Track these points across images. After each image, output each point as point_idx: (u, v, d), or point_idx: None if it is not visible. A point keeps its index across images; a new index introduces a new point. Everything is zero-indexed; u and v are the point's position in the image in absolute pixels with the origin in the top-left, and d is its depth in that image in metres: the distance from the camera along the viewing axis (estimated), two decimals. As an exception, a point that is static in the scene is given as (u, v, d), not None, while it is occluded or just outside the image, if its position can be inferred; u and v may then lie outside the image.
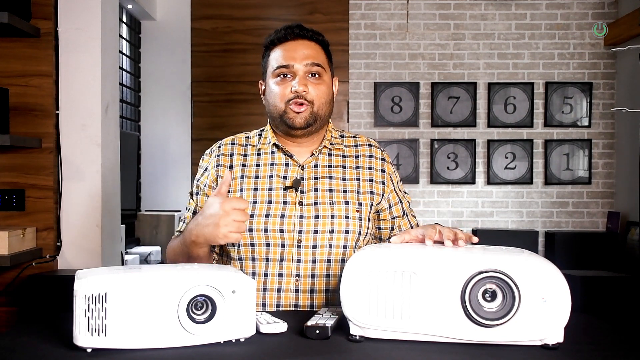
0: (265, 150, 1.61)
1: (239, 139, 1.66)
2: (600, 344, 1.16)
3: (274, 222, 1.51)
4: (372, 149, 1.66)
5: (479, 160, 4.79)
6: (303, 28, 1.58)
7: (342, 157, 1.62)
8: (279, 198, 1.54)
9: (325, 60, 1.59)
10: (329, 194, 1.55)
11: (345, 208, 1.54)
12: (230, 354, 1.08)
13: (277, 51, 1.57)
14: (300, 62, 1.54)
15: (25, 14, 2.42)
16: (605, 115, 4.76)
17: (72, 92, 2.56)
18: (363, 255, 1.15)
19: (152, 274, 1.13)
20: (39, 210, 2.50)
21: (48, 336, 1.17)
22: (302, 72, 1.54)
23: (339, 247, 1.52)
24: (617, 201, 4.71)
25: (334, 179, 1.58)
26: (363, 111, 4.80)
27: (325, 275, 1.52)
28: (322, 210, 1.53)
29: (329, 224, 1.52)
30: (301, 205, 1.53)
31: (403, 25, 4.78)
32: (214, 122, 4.47)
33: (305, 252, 1.51)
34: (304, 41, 1.57)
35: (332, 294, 1.52)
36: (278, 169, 1.58)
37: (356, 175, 1.60)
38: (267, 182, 1.56)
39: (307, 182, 1.57)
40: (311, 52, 1.56)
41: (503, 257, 1.11)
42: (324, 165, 1.60)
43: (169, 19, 4.77)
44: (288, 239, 1.51)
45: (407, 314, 1.10)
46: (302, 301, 1.51)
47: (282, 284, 1.51)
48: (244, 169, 1.59)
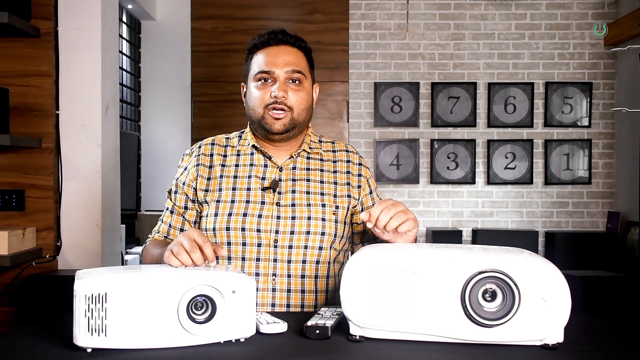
0: (245, 151, 1.63)
1: (219, 140, 1.68)
2: (600, 344, 1.16)
3: (251, 222, 1.53)
4: (349, 154, 1.68)
5: (479, 160, 4.79)
6: (286, 34, 1.60)
7: (320, 160, 1.65)
8: (257, 198, 1.56)
9: (306, 67, 1.61)
10: (306, 196, 1.58)
11: (322, 210, 1.56)
12: (230, 354, 1.08)
13: (260, 56, 1.59)
14: (281, 68, 1.56)
15: (25, 14, 2.42)
16: (605, 115, 4.75)
17: (72, 92, 2.56)
18: (363, 255, 1.15)
19: (152, 274, 1.13)
20: (39, 210, 2.50)
21: (48, 336, 1.17)
22: (283, 78, 1.56)
23: (315, 249, 1.54)
24: (617, 201, 4.71)
25: (312, 182, 1.60)
26: (363, 111, 4.80)
27: (301, 275, 1.53)
28: (299, 212, 1.55)
29: (305, 225, 1.54)
30: (278, 205, 1.55)
31: (403, 25, 4.78)
32: (214, 122, 4.46)
33: (281, 252, 1.53)
34: (286, 47, 1.59)
35: (307, 294, 1.54)
36: (257, 169, 1.60)
37: (333, 179, 1.62)
38: (246, 182, 1.58)
39: (284, 184, 1.58)
40: (293, 58, 1.58)
41: (503, 257, 1.11)
42: (302, 168, 1.62)
43: (169, 19, 4.77)
44: (265, 238, 1.52)
45: (407, 314, 1.10)
46: (279, 300, 1.53)
47: (259, 283, 1.52)
48: (223, 169, 1.61)
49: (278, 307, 1.52)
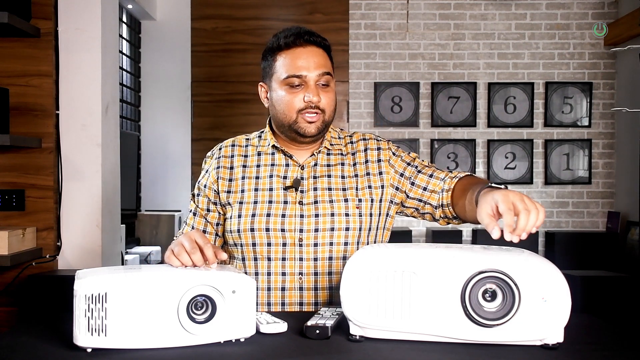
0: (265, 151, 1.62)
1: (239, 141, 1.67)
2: (600, 344, 1.16)
3: (275, 222, 1.52)
4: (366, 142, 1.65)
5: (479, 160, 4.79)
6: (312, 33, 1.56)
7: (341, 155, 1.63)
8: (279, 198, 1.55)
9: (331, 67, 1.58)
10: (328, 193, 1.56)
11: (345, 205, 1.55)
12: (230, 354, 1.08)
13: (286, 57, 1.54)
14: (312, 72, 1.52)
15: (25, 14, 2.42)
16: (605, 115, 4.76)
17: (72, 92, 2.56)
18: (363, 255, 1.15)
19: (152, 274, 1.13)
20: (39, 210, 2.50)
21: (48, 336, 1.17)
22: (314, 82, 1.53)
23: (340, 245, 1.53)
24: (617, 201, 4.71)
25: (333, 177, 1.59)
26: (363, 111, 4.80)
27: (328, 272, 1.53)
28: (322, 209, 1.54)
29: (329, 222, 1.53)
30: (301, 204, 1.54)
31: (403, 25, 4.78)
32: (214, 122, 4.47)
33: (307, 250, 1.52)
34: (312, 48, 1.55)
35: (335, 291, 1.52)
36: (278, 169, 1.59)
37: (354, 172, 1.60)
38: (268, 183, 1.57)
39: (306, 182, 1.57)
40: (321, 60, 1.54)
41: (503, 257, 1.11)
42: (322, 165, 1.60)
43: (169, 19, 4.76)
44: (289, 237, 1.52)
45: (407, 314, 1.10)
46: (307, 299, 1.52)
47: (285, 283, 1.52)
48: (244, 169, 1.60)
49: (306, 305, 1.52)
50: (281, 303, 1.52)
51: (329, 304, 1.51)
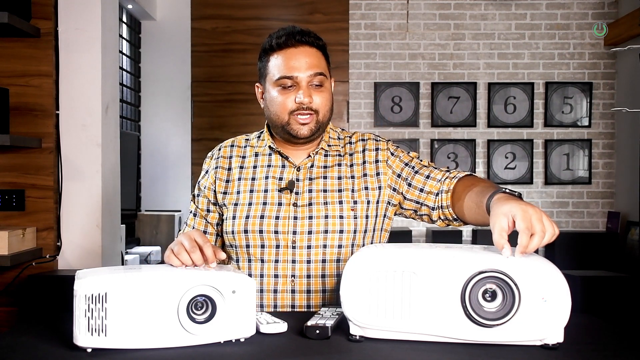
0: (263, 152, 1.61)
1: (238, 141, 1.66)
2: (600, 344, 1.16)
3: (268, 224, 1.51)
4: (365, 142, 1.62)
5: (479, 160, 4.79)
6: (304, 33, 1.54)
7: (338, 156, 1.61)
8: (274, 199, 1.54)
9: (326, 67, 1.56)
10: (323, 194, 1.54)
11: (339, 207, 1.53)
12: (230, 354, 1.08)
13: (278, 58, 1.52)
14: (304, 72, 1.50)
15: (25, 14, 2.42)
16: (605, 115, 4.75)
17: (72, 92, 2.56)
18: (363, 255, 1.15)
19: (152, 274, 1.13)
20: (39, 210, 2.50)
21: (48, 336, 1.17)
22: (306, 82, 1.51)
23: (334, 247, 1.51)
24: (617, 201, 4.71)
25: (329, 179, 1.57)
26: (363, 111, 4.80)
27: (321, 275, 1.51)
28: (316, 211, 1.52)
29: (323, 224, 1.51)
30: (295, 206, 1.53)
31: (403, 25, 4.78)
32: (214, 122, 4.47)
33: (300, 252, 1.51)
34: (305, 48, 1.52)
35: (329, 294, 1.51)
36: (274, 170, 1.58)
37: (351, 173, 1.58)
38: (263, 184, 1.56)
39: (302, 183, 1.56)
40: (313, 60, 1.52)
41: (503, 257, 1.11)
42: (319, 166, 1.59)
43: (169, 19, 4.76)
44: (282, 240, 1.51)
45: (407, 314, 1.10)
46: (299, 301, 1.51)
47: (278, 285, 1.51)
48: (241, 170, 1.60)
49: (298, 308, 1.51)
50: (273, 305, 1.51)
51: (322, 306, 1.50)
